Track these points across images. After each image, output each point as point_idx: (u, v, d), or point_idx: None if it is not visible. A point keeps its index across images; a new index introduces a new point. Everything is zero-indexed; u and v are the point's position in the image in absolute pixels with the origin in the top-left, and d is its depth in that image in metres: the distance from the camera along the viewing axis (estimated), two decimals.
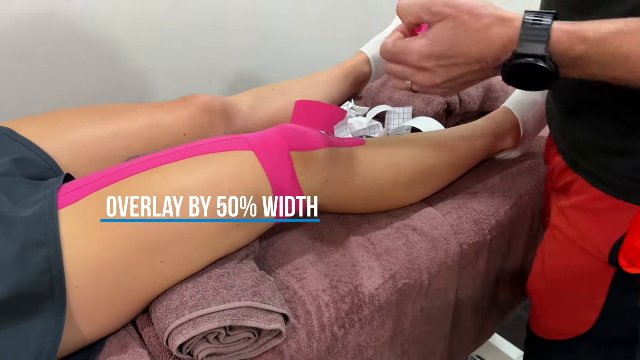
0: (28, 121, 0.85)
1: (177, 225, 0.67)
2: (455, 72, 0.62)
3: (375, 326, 0.84)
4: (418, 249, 0.89)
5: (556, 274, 0.83)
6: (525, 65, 0.58)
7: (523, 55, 0.58)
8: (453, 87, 0.65)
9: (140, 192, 0.67)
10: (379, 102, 1.22)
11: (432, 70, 0.62)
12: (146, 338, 0.71)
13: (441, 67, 0.61)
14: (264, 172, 0.74)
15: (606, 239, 0.73)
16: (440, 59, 0.60)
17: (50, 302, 0.62)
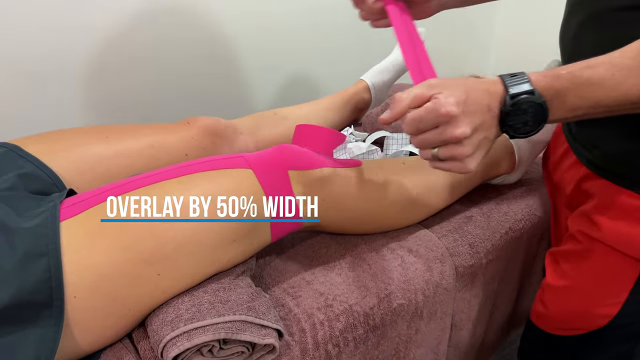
0: (34, 139, 0.87)
1: (176, 239, 0.69)
2: (477, 119, 0.63)
3: (369, 346, 0.85)
4: (413, 270, 0.89)
5: (577, 270, 0.83)
6: (521, 102, 0.63)
7: (516, 95, 0.63)
8: (476, 145, 0.65)
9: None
10: (378, 127, 1.25)
11: (461, 119, 0.62)
12: (141, 351, 0.72)
13: (467, 113, 0.63)
14: (261, 189, 0.76)
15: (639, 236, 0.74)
16: (463, 104, 0.62)
17: (49, 311, 0.63)
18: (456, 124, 0.62)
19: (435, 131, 0.63)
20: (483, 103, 0.64)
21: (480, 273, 0.99)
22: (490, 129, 0.65)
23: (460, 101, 0.62)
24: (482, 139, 0.65)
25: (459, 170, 0.65)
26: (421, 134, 0.64)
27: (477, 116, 0.63)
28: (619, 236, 0.76)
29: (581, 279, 0.83)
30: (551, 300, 0.87)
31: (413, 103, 0.63)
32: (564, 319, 0.86)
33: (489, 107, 0.64)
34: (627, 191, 0.74)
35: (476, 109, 0.63)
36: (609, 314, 0.79)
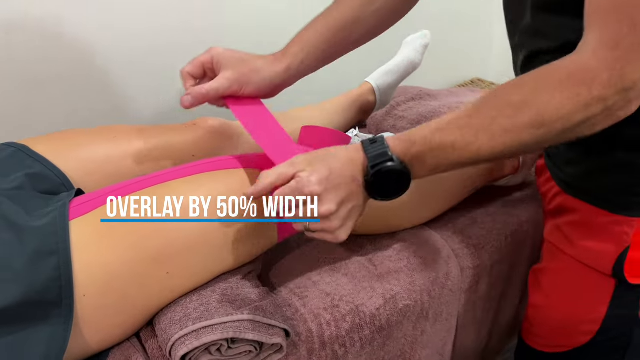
0: (42, 139, 0.88)
1: (183, 238, 0.70)
2: (342, 193, 0.65)
3: (375, 347, 0.85)
4: (419, 271, 0.90)
5: (555, 288, 0.84)
6: (381, 171, 0.65)
7: (376, 165, 0.65)
8: (344, 217, 0.67)
9: None
10: (382, 129, 1.25)
11: (325, 197, 0.64)
12: (149, 350, 0.72)
13: (331, 189, 0.65)
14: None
15: (609, 253, 0.74)
16: (326, 181, 0.64)
17: (58, 309, 0.63)
18: (321, 202, 0.64)
19: (302, 209, 0.65)
20: (347, 175, 0.66)
21: (486, 275, 1.00)
22: (358, 198, 0.68)
23: (323, 178, 0.64)
24: (350, 209, 0.67)
25: (331, 240, 0.68)
26: (288, 210, 0.66)
27: (342, 189, 0.65)
28: (589, 252, 0.77)
29: (559, 296, 0.84)
30: (535, 318, 0.88)
31: (277, 181, 0.66)
32: (548, 336, 0.86)
33: (354, 178, 0.66)
34: (594, 208, 0.75)
35: (341, 181, 0.65)
36: (591, 330, 0.80)
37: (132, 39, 1.21)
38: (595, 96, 0.56)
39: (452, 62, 1.89)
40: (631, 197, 0.72)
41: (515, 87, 0.62)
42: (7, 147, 0.83)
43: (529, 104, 0.59)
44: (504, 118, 0.60)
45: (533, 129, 0.59)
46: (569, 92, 0.57)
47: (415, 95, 1.34)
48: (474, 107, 0.63)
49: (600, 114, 0.57)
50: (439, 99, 1.33)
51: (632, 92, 0.56)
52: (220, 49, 0.82)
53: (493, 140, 0.61)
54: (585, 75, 0.56)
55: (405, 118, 1.22)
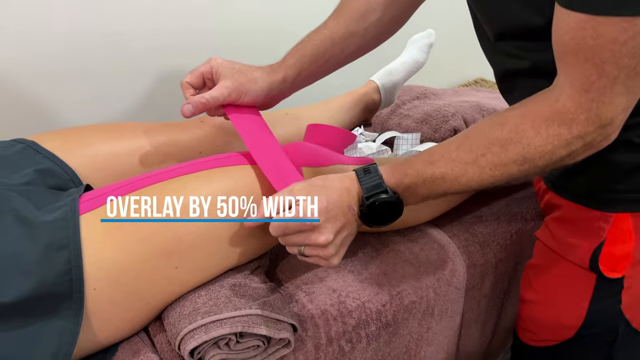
0: (51, 135, 0.88)
1: (193, 233, 0.70)
2: (338, 223, 0.69)
3: (381, 343, 0.86)
4: (425, 268, 0.90)
5: (542, 284, 0.86)
6: (376, 203, 0.69)
7: (370, 196, 0.69)
8: (338, 245, 0.70)
9: None
10: (387, 128, 1.25)
11: (324, 226, 0.67)
12: (158, 344, 0.73)
13: (329, 220, 0.68)
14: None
15: (585, 247, 0.77)
16: (325, 212, 0.67)
17: (69, 303, 0.64)
18: (319, 232, 0.67)
19: (300, 235, 0.68)
20: (344, 204, 0.69)
21: (490, 272, 1.00)
22: (352, 226, 0.72)
23: (322, 209, 0.67)
24: (344, 237, 0.71)
25: (324, 265, 0.71)
26: (287, 236, 0.69)
27: (339, 219, 0.69)
28: (570, 247, 0.80)
29: (545, 291, 0.86)
30: (525, 314, 0.90)
31: (278, 210, 0.68)
32: (537, 331, 0.88)
33: (350, 207, 0.70)
34: (574, 204, 0.78)
35: (338, 211, 0.69)
36: (575, 325, 0.81)
37: (135, 39, 1.22)
38: (575, 135, 0.60)
39: (455, 62, 1.89)
40: (607, 194, 0.74)
41: (500, 124, 0.65)
42: (16, 143, 0.84)
43: (514, 142, 0.63)
44: (491, 155, 0.64)
45: (518, 165, 0.64)
46: (551, 131, 0.61)
47: (420, 94, 1.34)
48: (463, 141, 0.67)
49: (581, 148, 0.62)
50: (443, 98, 1.33)
51: (610, 127, 0.60)
52: (219, 59, 0.85)
53: (482, 174, 0.66)
54: (565, 116, 0.60)
55: (410, 117, 1.23)
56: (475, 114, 1.20)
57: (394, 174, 0.70)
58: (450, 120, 1.16)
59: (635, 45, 0.53)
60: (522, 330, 0.91)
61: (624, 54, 0.54)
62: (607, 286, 0.78)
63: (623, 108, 0.58)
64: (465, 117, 1.18)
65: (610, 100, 0.57)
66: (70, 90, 1.18)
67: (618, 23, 0.52)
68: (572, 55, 0.57)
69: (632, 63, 0.54)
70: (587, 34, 0.54)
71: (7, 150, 0.82)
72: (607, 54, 0.54)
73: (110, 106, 1.24)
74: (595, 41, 0.54)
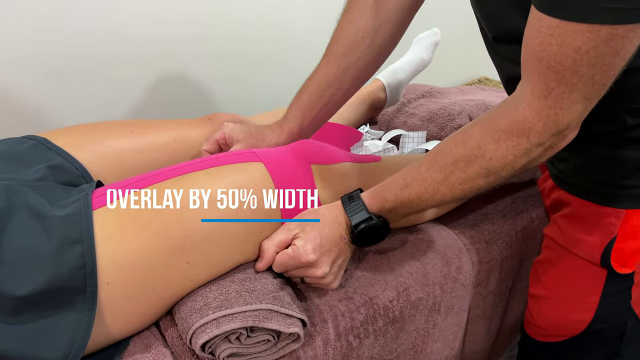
0: (62, 132, 0.89)
1: (205, 228, 0.71)
2: (333, 254, 0.76)
3: (388, 339, 0.86)
4: (431, 265, 0.91)
5: (551, 279, 0.87)
6: (364, 230, 0.76)
7: (357, 225, 0.76)
8: (335, 272, 0.78)
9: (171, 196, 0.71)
10: (393, 126, 1.26)
11: (319, 261, 0.75)
12: (169, 339, 0.74)
13: (324, 254, 0.75)
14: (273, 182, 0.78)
15: (597, 243, 0.78)
16: (319, 248, 0.75)
17: (83, 296, 0.65)
18: (317, 267, 0.75)
19: (300, 270, 0.77)
20: (335, 236, 0.77)
21: (496, 270, 1.01)
22: (346, 252, 0.79)
23: (316, 246, 0.75)
24: (340, 264, 0.79)
25: (325, 289, 0.81)
26: (289, 272, 0.78)
27: (332, 251, 0.77)
28: (580, 243, 0.81)
29: (555, 286, 0.87)
30: (534, 309, 0.91)
31: (279, 248, 0.77)
32: (545, 326, 0.89)
33: (341, 237, 0.77)
34: (584, 201, 0.80)
35: (331, 244, 0.76)
36: (584, 319, 0.83)
37: (141, 39, 1.23)
38: (533, 143, 0.63)
39: (460, 60, 1.90)
40: (616, 190, 0.76)
41: (463, 142, 0.69)
42: (27, 140, 0.85)
43: (477, 157, 0.67)
44: (458, 171, 0.69)
45: (484, 177, 0.68)
46: (510, 142, 0.64)
47: (426, 92, 1.35)
48: (432, 161, 0.72)
49: (541, 153, 0.64)
50: (449, 97, 1.34)
51: (566, 130, 0.62)
52: (230, 124, 0.92)
53: (453, 190, 0.70)
54: (523, 126, 0.63)
55: (416, 115, 1.23)
56: (480, 112, 1.21)
57: (375, 201, 0.77)
58: (456, 119, 1.16)
59: (596, 55, 0.55)
60: (530, 325, 0.92)
61: (585, 63, 0.55)
62: (618, 282, 0.79)
63: (579, 113, 0.60)
64: (471, 116, 1.19)
65: (568, 107, 0.59)
66: (78, 90, 1.19)
67: (583, 32, 0.53)
68: (536, 61, 0.59)
69: (590, 72, 0.56)
70: (554, 41, 0.56)
71: (19, 146, 0.83)
72: (569, 62, 0.56)
73: (117, 105, 1.25)
74: (559, 49, 0.56)
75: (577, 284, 0.83)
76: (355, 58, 0.89)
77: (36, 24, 1.09)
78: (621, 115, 0.70)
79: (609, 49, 0.54)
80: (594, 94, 0.59)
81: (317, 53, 1.41)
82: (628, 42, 0.54)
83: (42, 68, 1.13)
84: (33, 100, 1.14)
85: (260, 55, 1.43)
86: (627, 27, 0.52)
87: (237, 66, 1.40)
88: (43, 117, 1.16)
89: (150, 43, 1.24)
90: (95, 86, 1.21)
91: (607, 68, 0.56)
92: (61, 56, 1.14)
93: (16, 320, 0.62)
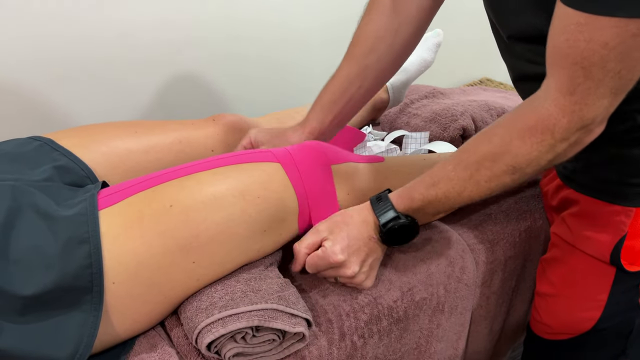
0: (67, 133, 0.90)
1: (211, 228, 0.71)
2: (362, 254, 0.78)
3: (393, 339, 0.86)
4: (435, 265, 0.91)
5: (559, 277, 0.87)
6: (392, 229, 0.77)
7: (385, 224, 0.77)
8: (367, 271, 0.80)
9: (176, 196, 0.71)
10: (396, 127, 1.26)
11: (348, 261, 0.77)
12: (174, 338, 0.74)
13: (352, 254, 0.77)
14: (289, 182, 0.78)
15: (607, 241, 0.78)
16: (347, 249, 0.76)
17: (89, 296, 0.65)
18: (346, 267, 0.77)
19: (331, 270, 0.79)
20: (364, 236, 0.78)
21: (500, 270, 1.01)
22: (376, 251, 0.80)
23: (344, 247, 0.76)
24: (371, 263, 0.80)
25: (359, 288, 0.82)
26: (321, 273, 0.80)
27: (362, 251, 0.78)
28: (589, 241, 0.81)
29: (563, 284, 0.87)
30: (541, 307, 0.91)
31: (309, 250, 0.79)
32: (552, 324, 0.89)
33: (370, 237, 0.79)
34: (593, 199, 0.80)
35: (360, 244, 0.78)
36: (593, 317, 0.83)
37: (146, 40, 1.23)
38: (558, 139, 0.63)
39: (462, 61, 1.90)
40: (626, 188, 0.76)
41: (488, 139, 0.69)
42: (33, 141, 0.85)
43: (503, 154, 0.67)
44: (484, 169, 0.69)
45: (510, 174, 0.68)
46: (535, 138, 0.64)
47: (429, 93, 1.35)
48: (458, 160, 0.72)
49: (567, 149, 0.65)
50: (451, 98, 1.34)
51: (592, 125, 0.62)
52: (254, 130, 0.96)
53: (479, 188, 0.71)
54: (548, 122, 0.62)
55: (419, 116, 1.24)
56: (483, 112, 1.21)
57: (403, 200, 0.77)
58: (459, 119, 1.17)
59: (623, 50, 0.55)
60: (536, 323, 0.92)
61: (612, 58, 0.55)
62: (626, 279, 0.79)
63: (604, 108, 0.61)
64: (473, 116, 1.19)
65: (594, 102, 0.59)
66: (84, 92, 1.20)
67: (612, 27, 0.54)
68: (562, 58, 0.59)
69: (617, 67, 0.56)
70: (581, 37, 0.56)
71: (24, 147, 0.83)
72: (596, 58, 0.56)
73: (122, 107, 1.26)
74: (587, 44, 0.56)
75: (586, 282, 0.83)
76: (376, 58, 0.89)
77: (43, 28, 1.10)
78: (633, 114, 0.70)
79: (636, 43, 0.54)
80: (620, 89, 0.59)
81: (319, 53, 1.42)
82: None
83: (50, 71, 1.14)
84: (40, 101, 1.15)
85: (262, 56, 1.44)
86: None
87: (240, 67, 1.41)
88: (49, 119, 1.16)
89: (154, 45, 1.25)
90: (100, 88, 1.21)
91: (634, 63, 0.56)
92: (68, 59, 1.14)
93: (23, 319, 0.62)
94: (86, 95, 1.20)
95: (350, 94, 0.91)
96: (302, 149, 0.85)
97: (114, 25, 1.18)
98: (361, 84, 0.91)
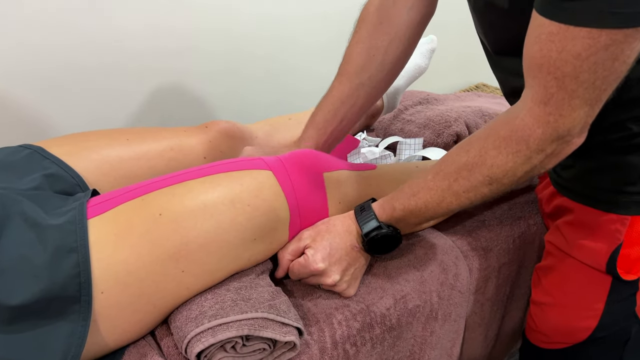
0: (58, 141, 0.89)
1: (201, 236, 0.71)
2: (344, 263, 0.79)
3: (386, 347, 0.86)
4: (429, 272, 0.91)
5: (555, 286, 0.87)
6: (374, 238, 0.78)
7: (368, 233, 0.78)
8: (348, 280, 0.80)
9: (166, 205, 0.71)
10: (390, 133, 1.26)
11: (329, 269, 0.78)
12: (164, 348, 0.73)
13: (333, 263, 0.78)
14: (281, 190, 0.78)
15: (602, 250, 0.78)
16: (328, 257, 0.77)
17: (77, 306, 0.64)
18: (326, 275, 0.78)
19: (312, 278, 0.80)
20: (346, 246, 0.79)
21: (494, 276, 1.01)
22: (359, 260, 0.81)
23: (325, 256, 0.77)
24: (354, 272, 0.81)
25: (343, 296, 0.82)
26: (303, 280, 0.82)
27: (343, 260, 0.79)
28: (584, 250, 0.81)
29: (559, 293, 0.87)
30: (537, 316, 0.91)
31: (292, 257, 0.80)
32: (548, 333, 0.89)
33: (352, 246, 0.80)
34: (588, 208, 0.79)
35: (342, 254, 0.78)
36: (589, 326, 0.83)
37: (138, 45, 1.23)
38: (533, 149, 0.63)
39: (457, 67, 1.90)
40: (621, 196, 0.75)
41: (466, 150, 0.70)
42: (23, 149, 0.85)
43: (479, 165, 0.68)
44: (462, 179, 0.70)
45: (487, 185, 0.69)
46: (510, 149, 0.64)
47: (423, 99, 1.35)
48: (437, 170, 0.73)
49: (543, 160, 0.64)
50: (446, 104, 1.34)
51: (568, 136, 0.62)
52: (249, 148, 0.97)
53: (458, 198, 0.71)
54: (523, 132, 0.63)
55: (413, 122, 1.23)
56: (477, 119, 1.21)
57: (385, 210, 0.78)
58: (453, 125, 1.17)
59: (596, 61, 0.55)
60: (532, 332, 0.92)
61: (585, 69, 0.55)
62: (623, 288, 0.79)
63: (580, 119, 0.60)
64: (467, 122, 1.19)
65: (569, 113, 0.59)
66: (75, 100, 1.20)
67: (584, 38, 0.53)
68: (536, 68, 0.59)
69: (591, 78, 0.56)
70: (554, 47, 0.56)
71: (14, 155, 0.83)
72: (568, 68, 0.56)
73: (114, 115, 1.26)
74: (559, 55, 0.56)
75: (582, 291, 0.82)
76: (368, 76, 0.90)
77: (34, 35, 1.10)
78: (626, 123, 0.70)
79: (609, 54, 0.54)
80: (595, 99, 0.58)
81: (314, 61, 1.42)
82: (628, 47, 0.54)
83: (40, 78, 1.13)
84: (32, 110, 1.15)
85: (256, 64, 1.44)
86: (626, 31, 0.52)
87: (233, 75, 1.41)
88: (40, 127, 1.16)
89: (147, 53, 1.24)
90: (93, 96, 1.21)
91: (607, 73, 0.56)
92: (60, 67, 1.14)
93: (10, 329, 0.61)
94: (79, 103, 1.20)
95: (343, 112, 0.92)
96: (294, 156, 0.85)
97: (106, 33, 1.18)
98: (354, 102, 0.91)
